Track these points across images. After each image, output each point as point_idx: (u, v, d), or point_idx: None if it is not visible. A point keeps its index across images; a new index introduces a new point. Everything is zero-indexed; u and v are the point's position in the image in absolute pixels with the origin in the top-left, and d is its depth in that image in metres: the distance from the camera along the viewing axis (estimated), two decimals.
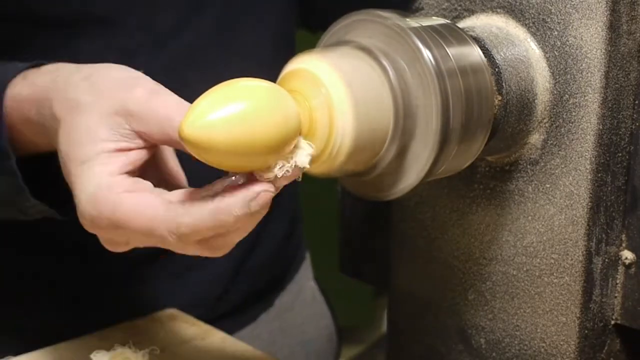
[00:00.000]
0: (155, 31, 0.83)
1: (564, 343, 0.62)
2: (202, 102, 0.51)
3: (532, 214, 0.62)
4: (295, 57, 0.55)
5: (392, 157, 0.55)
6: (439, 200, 0.67)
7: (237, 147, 0.50)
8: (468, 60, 0.57)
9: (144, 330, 0.83)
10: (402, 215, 0.70)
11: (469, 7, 0.63)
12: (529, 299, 0.63)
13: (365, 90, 0.53)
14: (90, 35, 0.81)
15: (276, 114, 0.51)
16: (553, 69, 0.60)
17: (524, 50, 0.60)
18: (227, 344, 0.81)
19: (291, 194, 1.03)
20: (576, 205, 0.60)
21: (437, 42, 0.55)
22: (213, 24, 0.86)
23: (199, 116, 0.50)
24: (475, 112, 0.57)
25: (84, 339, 0.80)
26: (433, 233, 0.68)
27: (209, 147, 0.50)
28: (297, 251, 1.07)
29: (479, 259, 0.66)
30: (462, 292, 0.67)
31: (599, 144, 0.59)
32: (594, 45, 0.58)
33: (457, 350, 0.68)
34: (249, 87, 0.52)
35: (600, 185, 0.59)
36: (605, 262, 0.61)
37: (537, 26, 0.60)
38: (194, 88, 0.53)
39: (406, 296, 0.71)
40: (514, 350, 0.65)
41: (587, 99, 0.58)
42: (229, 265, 0.94)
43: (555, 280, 0.62)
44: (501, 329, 0.65)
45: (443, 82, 0.54)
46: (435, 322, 0.69)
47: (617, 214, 0.61)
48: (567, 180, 0.60)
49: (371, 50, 0.55)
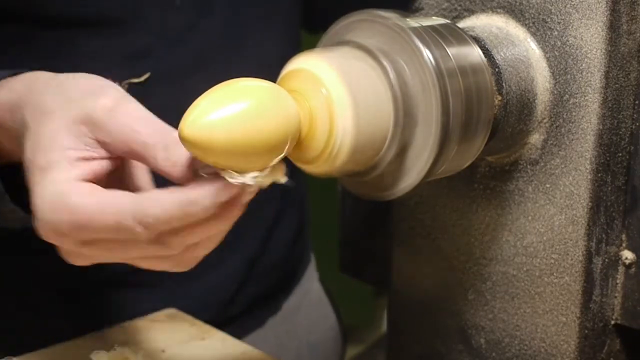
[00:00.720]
0: (164, 34, 0.83)
1: (564, 343, 0.62)
2: (202, 102, 0.51)
3: (532, 214, 0.62)
4: (295, 57, 0.55)
5: (392, 157, 0.55)
6: (439, 200, 0.67)
7: (237, 147, 0.50)
8: (468, 60, 0.57)
9: (144, 330, 0.83)
10: (402, 215, 0.70)
11: (469, 7, 0.63)
12: (529, 299, 0.63)
13: (365, 90, 0.53)
14: (99, 36, 0.81)
15: (276, 114, 0.51)
16: (553, 69, 0.60)
17: (524, 50, 0.60)
18: (227, 344, 0.81)
19: (302, 194, 1.03)
20: (576, 205, 0.60)
21: (437, 42, 0.55)
22: (221, 27, 0.86)
23: (198, 116, 0.50)
24: (475, 112, 0.57)
25: (83, 338, 0.80)
26: (433, 233, 0.68)
27: (208, 147, 0.50)
28: (304, 253, 1.07)
29: (479, 259, 0.66)
30: (462, 292, 0.67)
31: (599, 144, 0.59)
32: (594, 45, 0.58)
33: (457, 350, 0.68)
34: (249, 87, 0.52)
35: (600, 185, 0.59)
36: (605, 262, 0.61)
37: (537, 26, 0.60)
38: (202, 90, 0.52)
39: (406, 296, 0.71)
40: (514, 350, 0.65)
41: (587, 99, 0.58)
42: (240, 267, 0.94)
43: (555, 280, 0.62)
44: (501, 329, 0.65)
45: (443, 82, 0.54)
46: (435, 322, 0.69)
47: (617, 214, 0.61)
48: (567, 180, 0.60)
49: (371, 50, 0.55)
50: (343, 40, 0.57)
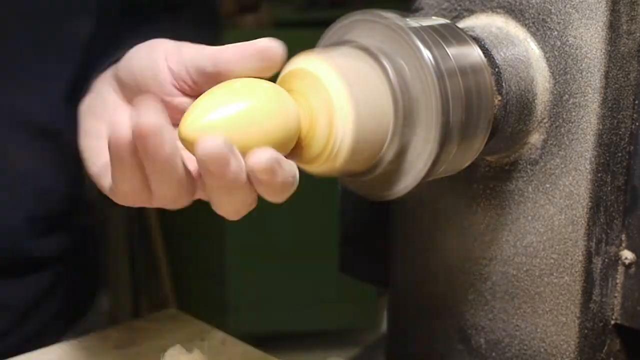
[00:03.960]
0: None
1: (564, 343, 0.62)
2: (202, 102, 0.51)
3: (532, 214, 0.62)
4: (295, 57, 0.55)
5: (392, 157, 0.55)
6: (439, 200, 0.67)
7: (237, 148, 0.50)
8: (468, 60, 0.57)
9: (144, 330, 0.83)
10: (402, 215, 0.70)
11: (469, 7, 0.63)
12: (529, 299, 0.63)
13: (365, 90, 0.53)
14: None
15: (276, 114, 0.51)
16: (553, 69, 0.60)
17: (524, 50, 0.61)
18: (227, 344, 0.81)
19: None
20: (576, 205, 0.60)
21: (437, 42, 0.55)
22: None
23: (198, 116, 0.50)
24: (475, 112, 0.57)
25: (83, 338, 0.80)
26: (433, 233, 0.68)
27: None
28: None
29: (479, 259, 0.66)
30: (462, 292, 0.67)
31: (599, 144, 0.59)
32: (594, 45, 0.58)
33: (457, 350, 0.68)
34: (248, 87, 0.52)
35: (600, 185, 0.59)
36: (605, 262, 0.61)
37: (537, 26, 0.60)
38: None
39: (406, 296, 0.71)
40: (514, 350, 0.65)
41: (587, 99, 0.58)
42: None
43: (555, 280, 0.62)
44: (501, 329, 0.65)
45: (443, 82, 0.54)
46: (435, 322, 0.69)
47: (617, 214, 0.61)
48: (567, 180, 0.60)
49: (371, 50, 0.55)
50: (343, 40, 0.57)
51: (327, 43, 0.58)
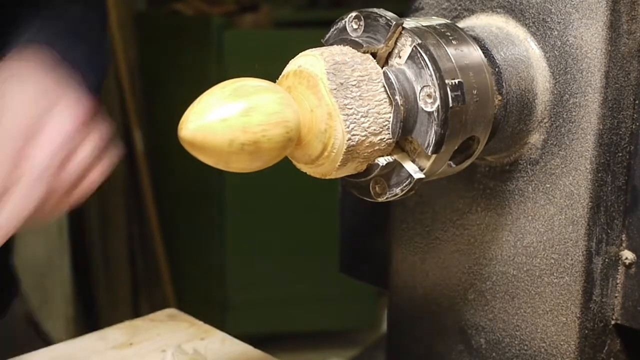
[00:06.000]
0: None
1: (564, 343, 0.62)
2: (201, 103, 0.51)
3: (532, 214, 0.62)
4: (295, 57, 0.55)
5: (390, 159, 0.55)
6: (439, 200, 0.67)
7: (237, 148, 0.50)
8: (468, 60, 0.57)
9: (144, 330, 0.83)
10: (402, 215, 0.70)
11: (469, 7, 0.63)
12: (529, 299, 0.63)
13: (364, 91, 0.53)
14: None
15: (275, 114, 0.51)
16: (553, 69, 0.60)
17: (524, 50, 0.60)
18: (227, 344, 0.81)
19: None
20: (576, 205, 0.60)
21: (437, 42, 0.55)
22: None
23: (197, 117, 0.50)
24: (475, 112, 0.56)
25: (83, 339, 0.80)
26: (433, 233, 0.68)
27: (207, 147, 0.50)
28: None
29: (479, 258, 0.66)
30: (462, 292, 0.67)
31: (599, 144, 0.59)
32: (594, 45, 0.58)
33: (457, 350, 0.68)
34: (247, 87, 0.52)
35: (600, 185, 0.59)
36: (605, 262, 0.61)
37: (537, 26, 0.60)
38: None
39: (406, 296, 0.71)
40: (514, 350, 0.65)
41: (587, 98, 0.58)
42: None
43: (555, 280, 0.62)
44: (501, 329, 0.65)
45: (443, 82, 0.54)
46: (435, 322, 0.69)
47: (617, 214, 0.61)
48: (567, 180, 0.60)
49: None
50: (342, 40, 0.57)
51: (328, 43, 0.58)
